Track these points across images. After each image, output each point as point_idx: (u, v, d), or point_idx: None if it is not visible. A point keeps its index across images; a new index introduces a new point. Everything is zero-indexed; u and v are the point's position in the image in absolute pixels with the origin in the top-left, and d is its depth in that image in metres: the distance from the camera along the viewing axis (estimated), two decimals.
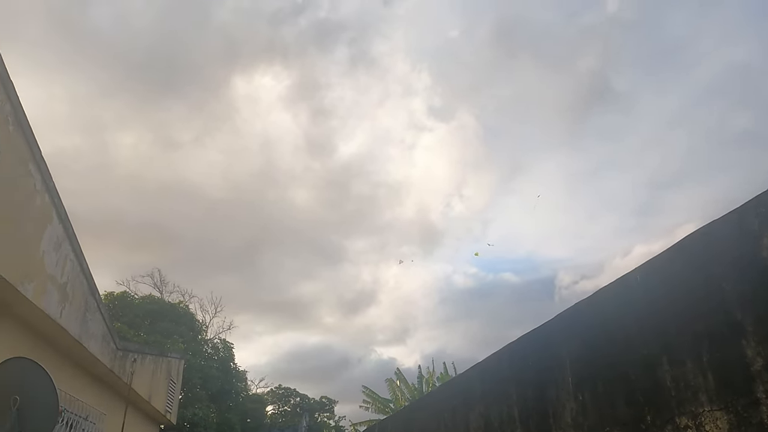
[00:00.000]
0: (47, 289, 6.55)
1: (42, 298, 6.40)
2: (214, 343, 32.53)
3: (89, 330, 8.18)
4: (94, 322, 8.39)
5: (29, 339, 6.95)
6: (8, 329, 6.38)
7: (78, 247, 7.45)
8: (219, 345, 32.10)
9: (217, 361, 30.71)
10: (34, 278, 6.17)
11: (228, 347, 31.95)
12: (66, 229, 7.01)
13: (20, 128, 5.61)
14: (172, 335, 28.09)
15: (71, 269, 7.31)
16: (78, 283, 7.59)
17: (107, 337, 9.21)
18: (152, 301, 30.99)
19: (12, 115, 5.41)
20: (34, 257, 6.18)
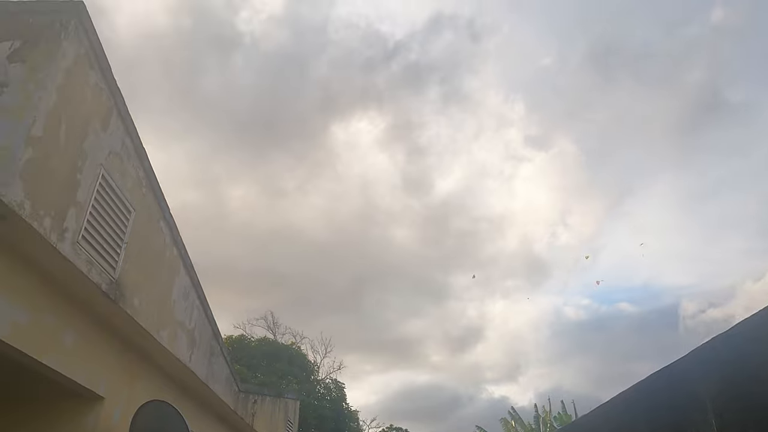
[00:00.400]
0: (178, 335, 7.09)
1: (174, 344, 6.93)
2: (326, 383, 33.18)
3: (214, 373, 8.71)
4: (218, 366, 8.92)
5: (163, 382, 7.52)
6: (146, 374, 6.95)
7: (203, 295, 8.02)
8: (331, 385, 32.68)
9: (330, 401, 31.26)
10: (167, 326, 6.71)
11: (339, 387, 32.43)
12: (192, 279, 7.59)
13: (151, 190, 6.23)
14: (286, 376, 29.09)
15: (197, 316, 7.88)
16: (203, 328, 8.14)
17: (230, 380, 9.73)
18: (267, 343, 32.40)
19: (145, 179, 6.03)
20: (167, 306, 6.74)
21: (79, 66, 4.69)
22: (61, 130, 4.43)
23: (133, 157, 5.74)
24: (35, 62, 4.32)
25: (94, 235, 4.94)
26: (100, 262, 5.05)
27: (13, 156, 3.87)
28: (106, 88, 5.14)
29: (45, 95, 4.21)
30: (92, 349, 5.66)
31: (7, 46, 4.41)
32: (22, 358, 4.69)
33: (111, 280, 5.27)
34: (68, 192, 4.56)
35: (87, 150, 4.83)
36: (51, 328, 4.95)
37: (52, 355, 4.96)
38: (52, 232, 4.32)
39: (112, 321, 5.82)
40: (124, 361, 6.36)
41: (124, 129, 5.50)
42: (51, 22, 4.52)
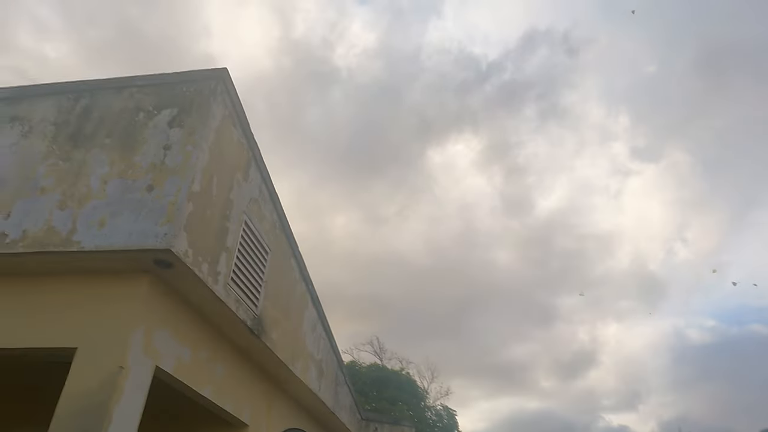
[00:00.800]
0: (309, 366, 7.49)
1: (306, 375, 7.32)
2: (437, 409, 32.86)
3: (340, 401, 9.04)
4: (343, 394, 9.25)
5: (296, 411, 7.94)
6: (281, 402, 7.39)
7: (328, 326, 8.42)
8: (442, 412, 32.32)
9: (441, 428, 30.89)
10: (300, 357, 7.12)
11: (451, 414, 31.99)
12: (318, 312, 8.01)
13: (283, 231, 6.71)
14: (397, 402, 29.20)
15: (324, 347, 8.27)
16: (329, 359, 8.52)
17: (353, 408, 10.04)
18: (377, 369, 32.75)
19: (278, 221, 6.53)
20: (299, 339, 7.16)
21: (225, 125, 5.24)
22: (213, 183, 4.96)
23: (268, 202, 6.24)
24: (191, 126, 4.89)
25: (240, 276, 5.42)
26: (245, 301, 5.52)
27: (180, 211, 4.40)
28: (246, 142, 5.68)
29: (201, 154, 4.74)
30: (238, 380, 6.15)
31: (167, 113, 5.04)
32: (183, 389, 5.21)
33: (254, 317, 5.73)
34: (220, 239, 5.06)
35: (233, 199, 5.34)
36: (206, 362, 5.46)
37: (207, 386, 5.47)
38: (209, 276, 4.81)
39: (254, 354, 6.30)
40: (262, 391, 6.82)
41: (260, 177, 6.02)
42: (201, 89, 5.11)
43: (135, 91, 5.30)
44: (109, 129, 5.10)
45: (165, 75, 5.34)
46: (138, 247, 4.30)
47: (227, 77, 5.27)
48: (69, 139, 5.10)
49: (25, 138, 5.22)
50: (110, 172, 4.78)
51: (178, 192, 4.49)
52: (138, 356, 4.36)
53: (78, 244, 4.40)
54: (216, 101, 5.08)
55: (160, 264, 4.44)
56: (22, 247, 4.49)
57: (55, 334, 4.40)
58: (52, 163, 4.96)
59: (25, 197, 4.78)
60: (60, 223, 4.55)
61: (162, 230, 4.31)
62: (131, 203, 4.53)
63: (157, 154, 4.79)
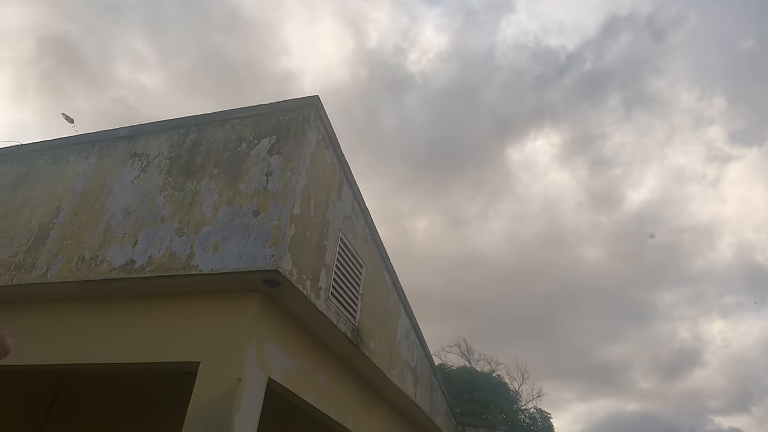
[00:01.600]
0: (405, 373, 7.70)
1: (402, 382, 7.54)
2: (531, 412, 32.16)
3: (435, 407, 9.19)
4: (438, 400, 9.40)
5: (394, 417, 8.18)
6: (380, 409, 7.65)
7: (420, 334, 8.60)
8: (536, 415, 31.58)
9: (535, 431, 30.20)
10: (396, 365, 7.35)
11: (545, 417, 31.14)
12: (411, 320, 8.21)
13: (375, 244, 6.97)
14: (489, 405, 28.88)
15: (417, 354, 8.45)
16: (423, 366, 8.69)
17: (449, 413, 10.16)
18: (467, 371, 32.54)
19: (370, 235, 6.80)
20: (394, 347, 7.40)
21: (319, 149, 5.56)
22: (311, 205, 5.29)
23: (360, 218, 6.52)
24: (289, 152, 5.24)
25: (338, 290, 5.72)
26: (344, 313, 5.81)
27: (284, 233, 4.74)
28: (338, 162, 5.98)
29: (299, 179, 5.08)
30: (339, 388, 6.46)
31: (266, 141, 5.43)
32: (290, 398, 5.57)
33: (353, 328, 6.01)
34: (319, 256, 5.38)
35: (329, 218, 5.65)
36: (310, 372, 5.80)
37: (312, 395, 5.80)
38: (312, 292, 5.13)
39: (353, 363, 6.59)
40: (363, 398, 7.11)
41: (352, 195, 6.31)
42: (297, 117, 5.46)
43: (236, 122, 5.75)
44: (216, 160, 5.56)
45: (262, 106, 5.74)
46: (248, 269, 4.68)
47: (319, 104, 5.58)
48: (181, 171, 5.62)
49: (144, 172, 5.81)
50: (219, 199, 5.22)
51: (281, 216, 4.84)
52: (253, 369, 4.73)
53: (196, 268, 4.85)
54: (310, 128, 5.41)
55: (268, 283, 4.80)
56: (149, 272, 5.02)
57: (182, 349, 4.88)
58: (169, 194, 5.48)
59: (148, 226, 5.33)
60: (179, 248, 5.04)
61: (269, 252, 4.66)
62: (240, 228, 4.93)
63: (260, 180, 5.18)
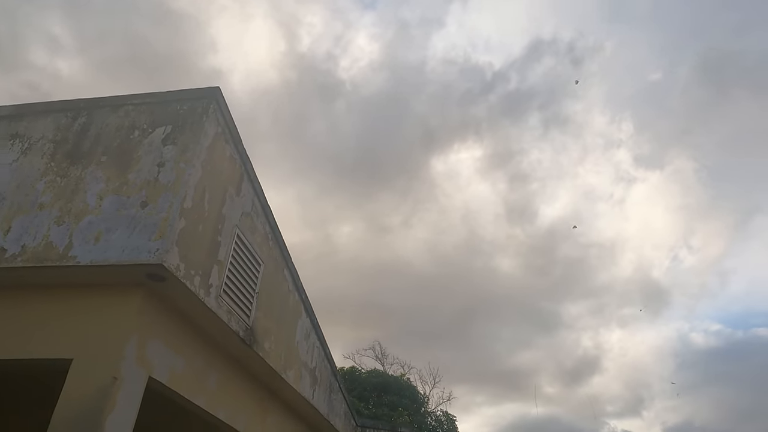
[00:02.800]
0: (302, 374, 7.63)
1: (299, 383, 7.47)
2: (437, 415, 32.88)
3: (334, 408, 9.18)
4: (337, 402, 9.39)
5: (290, 418, 8.08)
6: (275, 410, 7.53)
7: (321, 335, 8.57)
8: (442, 417, 32.33)
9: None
10: (293, 366, 7.27)
11: (451, 420, 31.95)
12: (312, 321, 8.16)
13: (276, 243, 6.88)
14: (397, 408, 29.24)
15: (317, 355, 8.41)
16: (323, 367, 8.66)
17: (348, 415, 10.17)
18: (377, 374, 32.78)
19: (270, 233, 6.69)
20: (292, 348, 7.32)
21: (218, 142, 5.41)
22: (205, 199, 5.13)
23: (261, 215, 6.41)
24: (184, 143, 5.06)
25: (232, 288, 5.58)
26: (237, 312, 5.68)
27: (172, 227, 4.56)
28: (238, 157, 5.85)
29: (193, 172, 4.92)
30: (231, 389, 6.29)
31: (161, 131, 5.22)
32: (176, 399, 5.36)
33: (246, 327, 5.88)
34: (211, 253, 5.22)
35: (225, 214, 5.51)
36: (199, 372, 5.62)
37: (201, 396, 5.61)
38: (201, 289, 4.97)
39: (247, 363, 6.45)
40: (256, 399, 6.97)
41: (253, 191, 6.19)
42: (194, 107, 5.29)
43: (131, 109, 5.49)
44: (106, 146, 5.28)
45: (159, 94, 5.52)
46: (131, 262, 4.47)
47: (219, 96, 5.44)
48: (66, 156, 5.28)
49: (24, 155, 5.40)
50: (106, 188, 4.96)
51: (170, 208, 4.66)
52: (131, 367, 4.51)
53: (74, 259, 4.57)
54: (209, 119, 5.26)
55: (152, 278, 4.61)
56: (20, 261, 4.66)
57: (52, 345, 4.56)
58: (50, 180, 5.13)
59: (24, 213, 4.95)
60: (57, 238, 4.73)
61: (154, 245, 4.48)
62: (125, 219, 4.70)
63: (151, 171, 4.96)
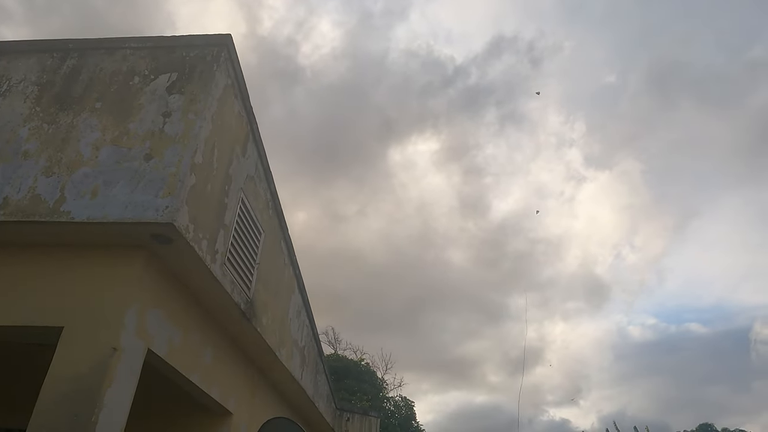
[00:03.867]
0: (293, 353, 7.23)
1: (290, 362, 7.07)
2: (396, 400, 32.94)
3: (319, 390, 8.82)
4: (321, 383, 9.03)
5: (276, 398, 7.67)
6: (263, 390, 7.11)
7: (311, 313, 8.17)
8: (400, 402, 32.41)
9: (399, 418, 30.96)
10: (286, 344, 6.86)
11: (409, 405, 32.10)
12: (303, 298, 7.75)
13: (276, 212, 6.42)
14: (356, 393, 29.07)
15: (306, 334, 8.02)
16: (311, 347, 8.28)
17: (330, 397, 9.83)
18: (336, 359, 32.47)
19: (271, 201, 6.23)
20: (285, 325, 6.90)
21: (227, 95, 4.91)
22: (215, 156, 4.65)
23: (263, 181, 5.94)
24: (193, 93, 4.55)
25: (235, 256, 5.13)
26: (239, 283, 5.23)
27: (182, 182, 4.08)
28: (245, 115, 5.36)
29: (204, 124, 4.42)
30: (225, 366, 5.85)
31: (165, 78, 4.69)
32: (172, 374, 4.89)
33: (247, 300, 5.44)
34: (219, 216, 4.75)
35: (232, 175, 5.03)
36: (196, 347, 5.15)
37: (196, 372, 5.15)
38: (207, 254, 4.50)
39: (243, 339, 6.01)
40: (247, 378, 6.54)
41: (257, 153, 5.71)
42: (204, 55, 4.77)
43: (129, 53, 4.92)
44: (101, 92, 4.70)
45: (162, 38, 4.97)
46: (135, 220, 3.97)
47: (231, 44, 4.94)
48: (55, 100, 4.68)
49: (3, 98, 4.76)
50: (102, 138, 4.41)
51: (180, 162, 4.17)
52: (131, 338, 4.03)
53: (67, 215, 4.03)
54: (220, 69, 4.76)
55: (158, 239, 4.12)
56: (3, 215, 4.08)
57: (39, 311, 4.02)
58: (36, 126, 4.53)
59: (5, 162, 4.35)
60: (46, 191, 4.16)
61: (163, 203, 3.99)
62: (127, 172, 4.18)
63: (156, 121, 4.44)
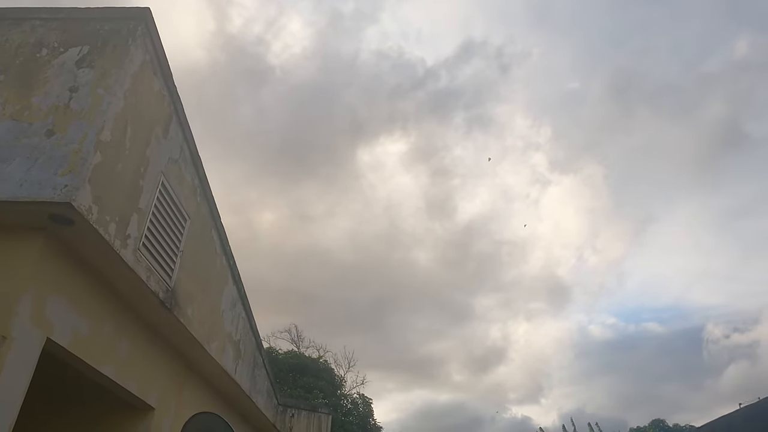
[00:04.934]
0: (225, 346, 6.99)
1: (222, 356, 6.82)
2: (353, 397, 32.81)
3: (257, 385, 8.58)
4: (260, 378, 8.79)
5: (208, 393, 7.41)
6: (193, 384, 6.85)
7: (248, 306, 7.93)
8: (358, 400, 32.30)
9: (357, 416, 30.85)
10: (217, 337, 6.61)
11: (367, 402, 32.02)
12: (239, 290, 7.51)
13: (205, 199, 6.17)
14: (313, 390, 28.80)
15: (243, 327, 7.78)
16: (248, 340, 8.04)
17: (270, 393, 9.60)
18: (294, 356, 32.16)
19: (200, 187, 5.98)
20: (216, 317, 6.65)
21: (145, 71, 4.66)
22: (127, 135, 4.39)
23: (190, 165, 5.69)
24: (104, 67, 4.29)
25: (153, 242, 4.87)
26: (158, 270, 4.98)
27: (84, 160, 3.82)
28: (168, 95, 5.11)
29: (114, 100, 4.17)
30: (145, 358, 5.58)
31: (76, 51, 4.41)
32: (79, 366, 4.62)
33: (167, 288, 5.19)
34: (132, 198, 4.50)
35: (149, 156, 4.78)
36: (108, 338, 4.88)
37: (109, 365, 4.89)
38: (116, 239, 4.25)
39: (165, 330, 5.75)
40: (173, 372, 6.27)
41: (182, 136, 5.46)
42: (119, 29, 4.51)
43: (38, 24, 4.61)
44: (5, 65, 4.41)
45: (74, 9, 4.68)
46: (31, 199, 3.70)
47: (150, 19, 4.68)
48: None
49: None
50: (2, 112, 4.11)
51: (83, 139, 3.91)
52: (25, 325, 3.76)
53: None
54: (135, 44, 4.50)
55: (57, 220, 3.85)
56: None
57: None
58: None
59: None
60: None
61: (62, 181, 3.73)
62: (25, 148, 3.91)
63: (61, 95, 4.17)
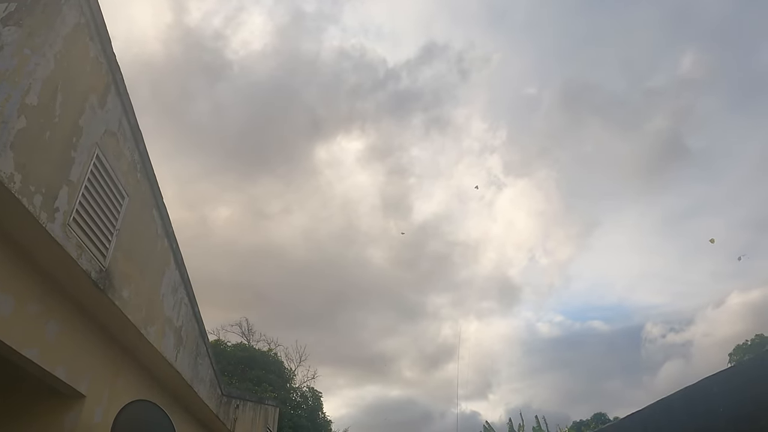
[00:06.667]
0: (165, 332, 6.70)
1: (161, 342, 6.54)
2: (303, 391, 32.53)
3: (199, 374, 8.30)
4: (203, 367, 8.51)
5: (146, 381, 7.10)
6: (129, 372, 6.54)
7: (191, 291, 7.65)
8: (308, 393, 32.04)
9: (306, 409, 30.59)
10: (155, 322, 6.33)
11: (317, 396, 31.82)
12: (182, 275, 7.22)
13: (146, 176, 5.88)
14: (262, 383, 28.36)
15: (185, 313, 7.49)
16: (190, 327, 7.75)
17: (214, 383, 9.31)
18: (243, 348, 31.59)
19: (140, 164, 5.69)
20: (156, 301, 6.36)
21: (79, 35, 4.36)
22: (57, 101, 4.10)
23: (130, 140, 5.40)
24: (33, 27, 3.98)
25: (85, 218, 4.59)
26: (90, 248, 4.69)
27: (6, 124, 3.53)
28: (105, 62, 4.82)
29: (42, 62, 3.88)
30: (75, 343, 5.26)
31: (1, 8, 4.07)
32: (1, 349, 4.30)
33: (101, 268, 4.90)
34: (61, 169, 4.21)
35: (83, 126, 4.48)
36: (34, 319, 4.56)
37: (34, 348, 4.57)
38: (42, 211, 3.96)
39: (98, 313, 5.44)
40: (107, 358, 5.96)
41: (121, 108, 5.17)
42: None
43: None
44: None
45: None
46: None
47: None
48: None
49: None
50: None
51: (6, 101, 3.61)
52: None
53: None
54: (69, 4, 4.20)
55: None
56: None
57: None
58: None
59: None
60: None
61: None
62: None
63: None
